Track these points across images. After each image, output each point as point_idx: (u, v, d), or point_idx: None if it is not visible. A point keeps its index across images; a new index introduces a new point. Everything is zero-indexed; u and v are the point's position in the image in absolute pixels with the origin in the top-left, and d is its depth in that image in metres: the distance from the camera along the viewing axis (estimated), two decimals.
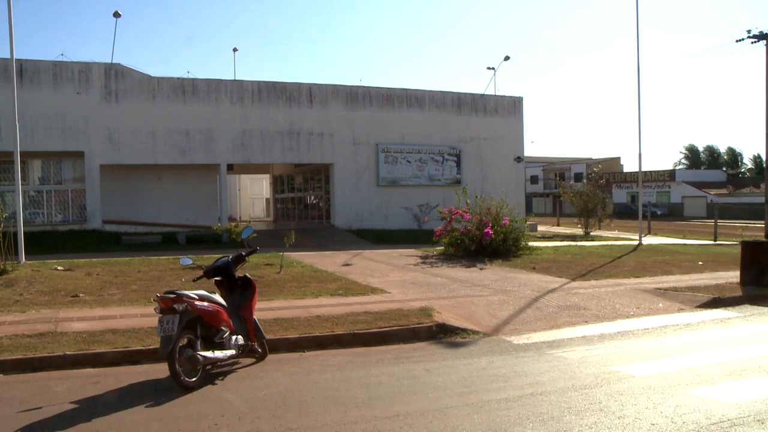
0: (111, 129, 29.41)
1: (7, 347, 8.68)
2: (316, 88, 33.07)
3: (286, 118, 32.12)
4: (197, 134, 30.61)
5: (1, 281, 14.02)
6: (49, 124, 28.30)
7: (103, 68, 29.74)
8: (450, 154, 35.56)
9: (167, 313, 7.07)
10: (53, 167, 30.80)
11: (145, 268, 16.52)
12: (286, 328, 9.76)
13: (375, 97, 34.14)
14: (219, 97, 31.20)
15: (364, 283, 14.54)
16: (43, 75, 28.70)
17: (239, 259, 8.52)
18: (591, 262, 18.83)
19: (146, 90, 30.21)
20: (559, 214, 50.18)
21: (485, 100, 37.27)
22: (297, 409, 6.49)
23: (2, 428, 6.02)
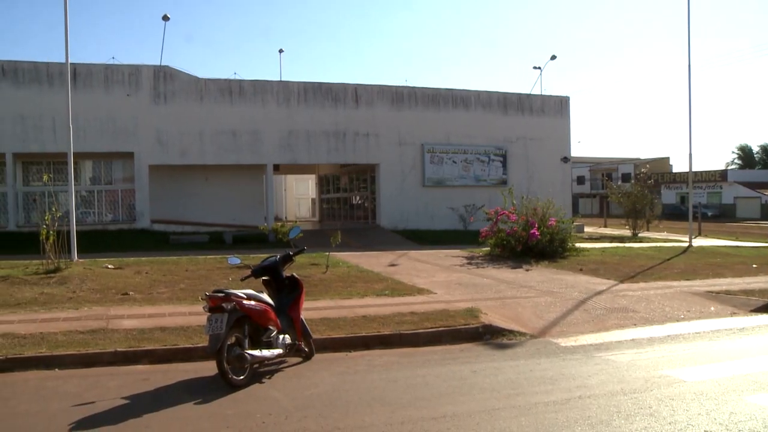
0: (160, 130, 29.89)
1: (61, 343, 8.90)
2: (361, 89, 33.15)
3: (332, 119, 32.26)
4: (244, 135, 30.92)
5: (55, 279, 14.33)
6: (100, 125, 28.86)
7: (152, 70, 30.24)
8: (496, 155, 35.34)
9: (216, 311, 7.16)
10: (104, 168, 31.41)
11: (193, 267, 16.73)
12: (332, 328, 9.80)
13: (420, 97, 34.09)
14: (265, 98, 31.47)
15: (409, 283, 14.53)
16: (95, 78, 29.30)
17: (286, 259, 8.58)
18: (639, 264, 18.54)
19: (194, 91, 30.61)
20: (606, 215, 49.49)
21: (531, 99, 36.96)
22: (343, 408, 6.52)
23: (58, 422, 6.16)
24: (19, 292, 12.87)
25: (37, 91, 28.49)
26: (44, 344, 8.85)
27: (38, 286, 13.60)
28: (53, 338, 9.14)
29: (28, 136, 28.47)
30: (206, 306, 7.28)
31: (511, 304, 12.17)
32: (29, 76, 28.62)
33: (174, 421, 6.19)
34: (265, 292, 8.20)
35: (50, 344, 8.85)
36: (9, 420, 6.33)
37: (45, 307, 11.55)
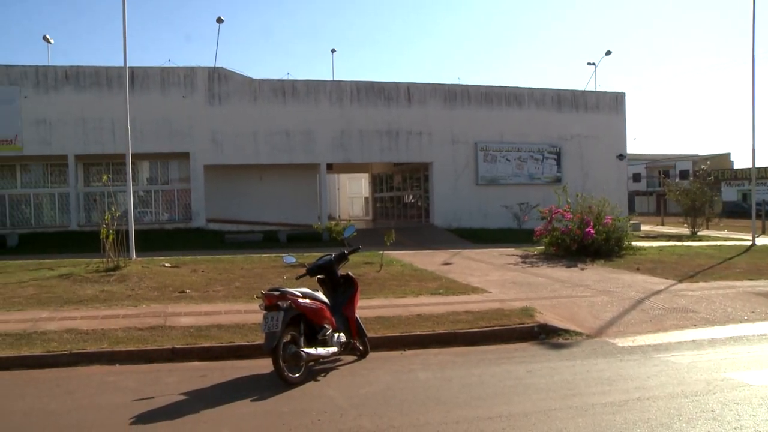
0: (214, 130, 30.36)
1: (121, 339, 9.12)
2: (414, 88, 33.14)
3: (385, 118, 32.33)
4: (297, 134, 31.20)
5: (115, 277, 14.65)
6: (157, 127, 29.47)
7: (206, 72, 30.74)
8: (550, 152, 34.99)
9: (272, 310, 7.23)
10: (160, 168, 32.05)
11: (248, 266, 16.91)
12: (387, 327, 9.81)
13: (473, 95, 33.94)
14: (318, 97, 31.70)
15: (464, 282, 14.47)
16: (152, 81, 29.93)
17: (342, 258, 8.61)
18: (699, 263, 18.11)
19: (248, 92, 31.01)
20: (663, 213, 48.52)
21: (586, 96, 36.46)
22: (398, 407, 6.52)
23: (120, 415, 6.31)
24: (81, 290, 13.21)
25: (97, 95, 29.27)
26: (105, 340, 9.08)
27: (99, 283, 13.93)
28: (114, 334, 9.37)
29: (89, 138, 29.26)
30: (262, 304, 7.37)
31: (567, 304, 12.02)
32: (90, 80, 29.41)
33: (230, 417, 6.27)
34: (320, 290, 8.26)
35: (111, 340, 9.08)
36: (74, 413, 6.52)
37: (105, 304, 11.84)
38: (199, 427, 6.02)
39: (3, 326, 9.91)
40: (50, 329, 9.70)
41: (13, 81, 29.03)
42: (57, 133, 29.19)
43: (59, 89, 29.35)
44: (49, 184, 31.29)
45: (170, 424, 6.06)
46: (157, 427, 6.01)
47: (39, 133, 29.06)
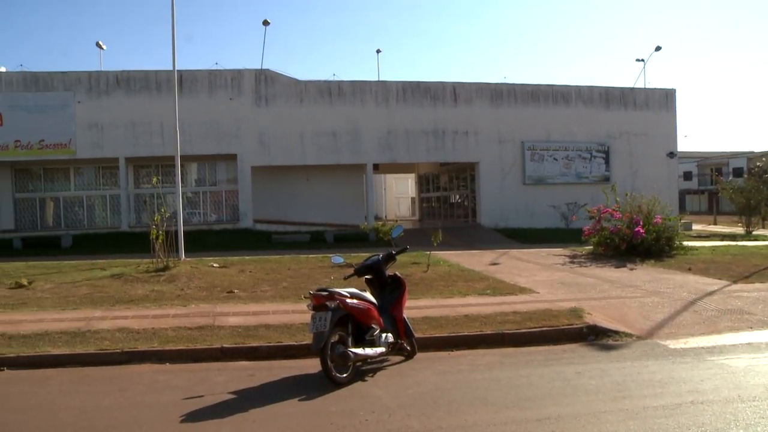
0: (261, 132, 30.68)
1: (171, 338, 9.27)
2: (460, 87, 33.02)
3: (431, 118, 32.27)
4: (343, 135, 31.34)
5: (164, 277, 14.88)
6: (204, 129, 29.90)
7: (253, 74, 31.06)
8: (598, 151, 34.55)
9: (320, 310, 7.26)
10: (208, 170, 32.50)
11: (295, 266, 17.02)
12: (434, 327, 9.79)
13: (520, 94, 33.69)
14: (364, 98, 31.79)
15: (511, 282, 14.36)
16: (200, 84, 30.37)
17: (389, 258, 8.61)
18: (754, 264, 17.64)
19: (294, 93, 31.24)
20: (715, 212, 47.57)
21: (635, 93, 35.88)
22: (446, 407, 6.48)
23: (170, 413, 6.41)
24: (132, 289, 13.46)
25: (146, 98, 29.83)
26: (156, 339, 9.24)
27: (149, 283, 14.17)
28: (164, 334, 9.52)
29: (139, 140, 29.83)
30: (310, 304, 7.40)
31: (616, 304, 11.83)
32: (140, 85, 29.98)
33: (279, 416, 6.31)
34: (368, 290, 8.27)
35: (161, 339, 9.23)
36: (126, 410, 6.63)
37: (156, 303, 12.05)
38: (248, 426, 6.07)
39: (59, 324, 10.18)
40: (103, 328, 9.91)
41: (67, 87, 29.75)
42: (108, 137, 29.80)
43: (111, 94, 29.97)
44: (101, 186, 31.99)
45: (219, 423, 6.13)
46: (207, 426, 6.09)
47: (91, 136, 29.72)
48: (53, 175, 32.08)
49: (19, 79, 29.90)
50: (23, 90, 29.56)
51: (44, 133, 29.39)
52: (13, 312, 11.51)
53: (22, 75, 30.11)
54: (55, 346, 8.99)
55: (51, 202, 32.13)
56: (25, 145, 29.40)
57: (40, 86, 29.70)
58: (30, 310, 11.67)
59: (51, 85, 29.76)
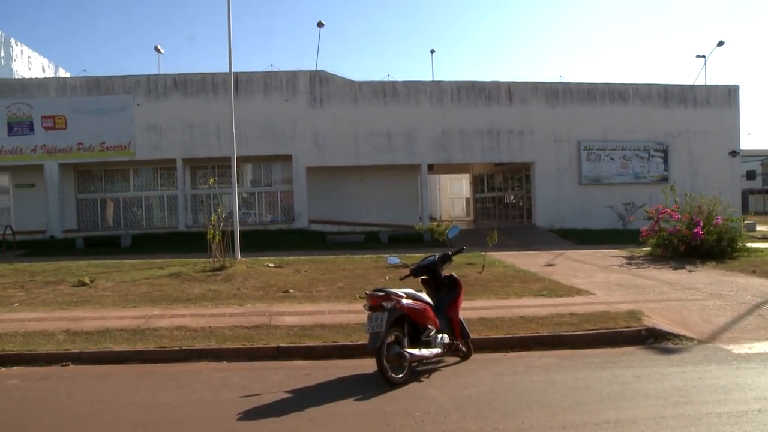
0: (316, 133, 30.87)
1: (228, 337, 9.41)
2: (515, 86, 32.74)
3: (485, 117, 32.08)
4: (398, 135, 31.35)
5: (221, 276, 15.09)
6: (260, 130, 30.25)
7: (308, 75, 31.28)
8: (656, 150, 33.87)
9: (376, 310, 7.27)
10: (263, 170, 32.84)
11: (350, 266, 17.08)
12: (489, 328, 9.73)
13: (576, 93, 33.22)
14: (419, 98, 31.75)
15: (567, 283, 14.17)
16: (255, 85, 30.72)
17: (445, 259, 8.59)
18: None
19: (348, 94, 31.38)
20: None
21: (695, 90, 35.00)
22: (503, 409, 6.43)
23: (228, 411, 6.51)
24: (189, 288, 13.69)
25: (203, 100, 30.30)
26: (213, 338, 9.39)
27: (206, 282, 14.39)
28: (221, 332, 9.66)
29: (195, 142, 30.32)
30: (367, 304, 7.42)
31: (676, 307, 11.57)
32: (197, 87, 30.46)
33: (335, 416, 6.34)
34: (423, 291, 8.26)
35: (218, 338, 9.37)
36: (185, 406, 6.77)
37: (212, 302, 12.23)
38: (304, 424, 6.11)
39: (119, 322, 10.43)
40: (161, 326, 10.11)
41: (127, 90, 30.40)
42: (166, 138, 30.37)
43: (168, 96, 30.53)
44: (158, 186, 32.60)
45: (276, 421, 6.19)
46: (264, 424, 6.15)
47: (150, 138, 30.32)
48: (113, 176, 32.83)
49: (82, 84, 30.71)
50: (86, 94, 30.34)
51: (105, 136, 30.11)
52: (77, 309, 11.85)
53: (85, 79, 30.91)
54: (116, 343, 9.23)
55: (111, 203, 32.89)
56: (87, 147, 30.15)
57: (101, 90, 30.43)
58: (92, 307, 12.00)
59: (112, 89, 30.47)
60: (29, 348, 9.04)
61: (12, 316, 11.37)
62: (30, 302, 12.71)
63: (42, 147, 30.12)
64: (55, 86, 30.96)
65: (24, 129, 30.03)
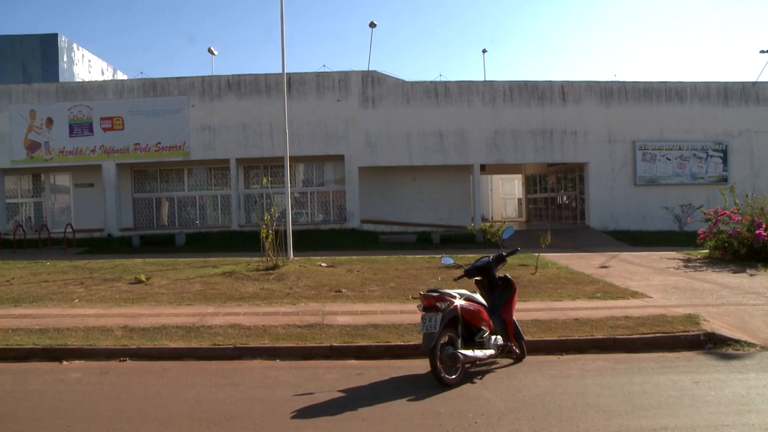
0: (368, 133, 30.93)
1: (281, 336, 9.49)
2: (568, 86, 32.31)
3: (538, 117, 31.75)
4: (450, 135, 31.23)
5: (274, 275, 15.24)
6: (312, 130, 30.44)
7: (360, 76, 31.36)
8: (715, 150, 33.05)
9: (430, 311, 7.26)
10: (315, 170, 33.03)
11: (402, 266, 17.07)
12: (543, 330, 9.63)
13: (631, 92, 32.63)
14: (471, 98, 31.57)
15: (622, 286, 13.94)
16: (308, 86, 30.91)
17: (500, 259, 8.54)
18: None
19: (400, 94, 31.36)
20: None
21: (758, 88, 33.88)
22: (557, 413, 6.36)
23: (281, 408, 6.59)
24: (243, 287, 13.86)
25: (256, 101, 30.62)
26: (266, 336, 9.48)
27: (259, 281, 14.55)
28: (274, 331, 9.76)
29: (249, 142, 30.65)
30: (420, 305, 7.42)
31: (736, 312, 11.26)
32: (250, 88, 30.80)
33: (388, 416, 6.34)
34: (477, 292, 8.22)
35: (272, 336, 9.46)
36: (239, 403, 6.84)
37: (266, 301, 12.36)
38: (357, 424, 6.13)
39: (175, 319, 10.62)
40: (216, 324, 10.25)
41: (182, 91, 30.91)
42: (220, 139, 30.77)
43: (222, 97, 30.93)
44: (212, 186, 33.08)
45: (330, 420, 6.22)
46: (317, 423, 6.19)
47: (204, 138, 30.76)
48: (168, 176, 33.41)
49: (139, 86, 31.32)
50: (142, 96, 30.94)
51: (161, 136, 30.69)
52: (133, 306, 12.11)
53: (141, 82, 31.52)
54: (172, 340, 9.40)
55: (166, 202, 33.47)
56: (144, 147, 30.76)
57: (157, 92, 31.01)
58: (148, 304, 12.25)
59: (167, 90, 31.02)
60: (89, 343, 9.32)
61: (72, 311, 11.70)
62: (89, 298, 13.04)
63: (101, 147, 30.85)
64: (113, 88, 31.67)
65: (84, 130, 30.83)
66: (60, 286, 14.66)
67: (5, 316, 11.32)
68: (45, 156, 30.99)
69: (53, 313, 11.58)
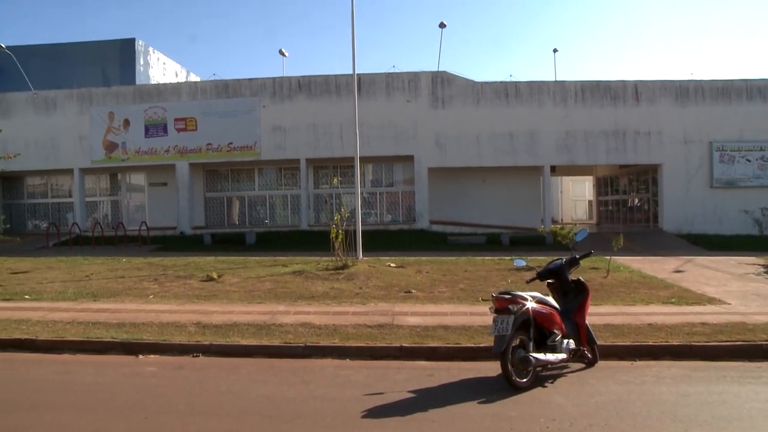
0: (438, 133, 30.85)
1: (351, 335, 9.55)
2: (642, 85, 31.57)
3: (611, 118, 31.12)
4: (520, 136, 30.91)
5: (343, 275, 15.33)
6: (382, 131, 30.53)
7: (430, 76, 31.31)
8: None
9: (502, 313, 7.20)
10: (385, 170, 33.14)
11: (471, 268, 16.96)
12: (616, 335, 9.43)
13: (708, 90, 31.63)
14: (542, 98, 31.18)
15: (698, 291, 13.54)
16: (377, 87, 31.04)
17: (573, 262, 8.42)
18: None
19: (470, 95, 31.18)
20: None
21: None
22: (631, 420, 6.21)
23: (351, 408, 6.63)
24: (312, 286, 13.99)
25: (326, 102, 30.91)
26: (337, 335, 9.55)
27: (329, 281, 14.65)
28: (344, 330, 9.82)
29: (319, 142, 30.95)
30: (492, 307, 7.36)
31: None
32: (320, 89, 31.11)
33: (458, 418, 6.30)
34: (549, 295, 8.10)
35: (342, 336, 9.52)
36: (310, 402, 6.92)
37: (335, 300, 12.45)
38: (428, 425, 6.11)
39: (247, 317, 10.81)
40: (286, 322, 10.39)
41: (254, 92, 31.43)
42: (290, 139, 31.16)
43: (293, 98, 31.32)
44: (282, 186, 33.54)
45: (400, 421, 6.21)
46: (388, 423, 6.19)
47: (275, 139, 31.20)
48: (239, 176, 34.03)
49: (211, 87, 31.99)
50: (215, 97, 31.58)
51: (232, 137, 31.26)
52: (206, 303, 12.37)
53: (214, 83, 32.19)
54: (243, 337, 9.57)
55: (237, 201, 34.09)
56: (216, 147, 31.38)
57: (229, 93, 31.60)
58: (220, 301, 12.49)
59: (239, 92, 31.57)
60: (163, 338, 9.57)
61: (147, 306, 12.02)
62: (163, 294, 13.38)
63: (174, 147, 31.63)
64: (187, 90, 32.44)
65: (159, 131, 31.66)
66: (135, 282, 15.08)
67: (85, 310, 11.73)
68: (122, 156, 31.96)
69: (129, 308, 11.92)
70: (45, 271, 17.34)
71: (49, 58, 40.45)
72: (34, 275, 16.64)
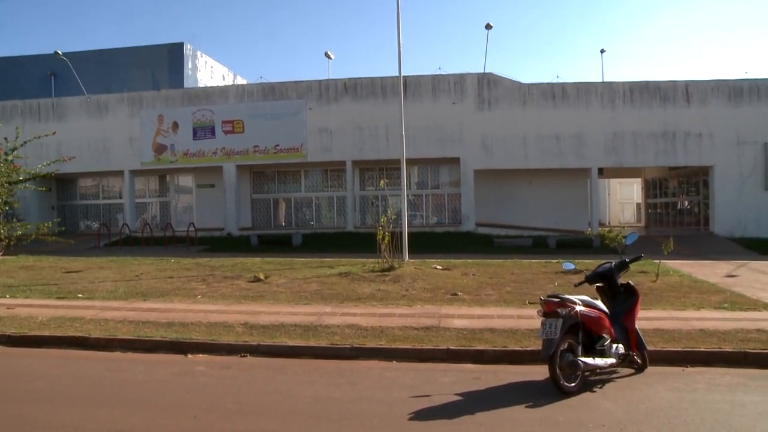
0: (484, 135, 30.73)
1: (398, 337, 9.56)
2: (693, 86, 30.97)
3: (660, 119, 30.60)
4: (567, 138, 30.60)
5: (389, 277, 15.34)
6: (427, 132, 30.49)
7: (476, 78, 31.20)
8: None
9: (550, 316, 7.13)
10: (430, 172, 33.13)
11: (518, 271, 16.84)
12: (666, 340, 9.26)
13: (763, 90, 30.80)
14: (589, 100, 30.83)
15: (753, 297, 13.20)
16: (423, 88, 31.05)
17: (622, 266, 8.29)
18: None
19: (517, 96, 30.98)
20: None
21: None
22: (683, 428, 6.09)
23: (398, 409, 6.63)
24: (359, 288, 14.03)
25: (372, 104, 31.02)
26: (383, 337, 9.56)
27: (375, 282, 14.68)
28: (391, 332, 9.83)
29: (365, 144, 31.07)
30: (540, 310, 7.30)
31: None
32: (366, 91, 31.23)
33: (506, 422, 6.26)
34: (598, 299, 8.00)
35: (388, 338, 9.53)
36: (356, 403, 6.95)
37: (382, 302, 12.46)
38: (475, 429, 6.07)
39: (294, 318, 10.89)
40: (333, 323, 10.43)
41: (300, 95, 31.70)
42: (336, 141, 31.35)
43: (339, 100, 31.50)
44: (328, 188, 33.75)
45: (447, 424, 6.19)
46: (435, 425, 6.18)
47: (321, 141, 31.42)
48: (285, 178, 34.33)
49: (258, 90, 32.36)
50: (261, 99, 31.94)
51: (279, 139, 31.56)
52: (253, 303, 12.50)
53: (261, 86, 32.57)
54: (290, 338, 9.64)
55: (283, 203, 34.41)
56: (263, 149, 31.72)
57: (276, 95, 31.91)
58: (267, 302, 12.60)
59: (285, 94, 31.86)
60: (212, 338, 9.69)
61: (196, 307, 12.19)
62: (211, 295, 13.55)
63: (221, 150, 32.06)
64: (234, 93, 32.86)
65: (206, 133, 32.11)
66: (184, 282, 15.30)
67: (135, 309, 11.95)
68: (170, 158, 32.50)
69: (178, 308, 12.10)
70: (97, 271, 17.70)
71: (101, 63, 41.38)
72: (86, 275, 16.99)
